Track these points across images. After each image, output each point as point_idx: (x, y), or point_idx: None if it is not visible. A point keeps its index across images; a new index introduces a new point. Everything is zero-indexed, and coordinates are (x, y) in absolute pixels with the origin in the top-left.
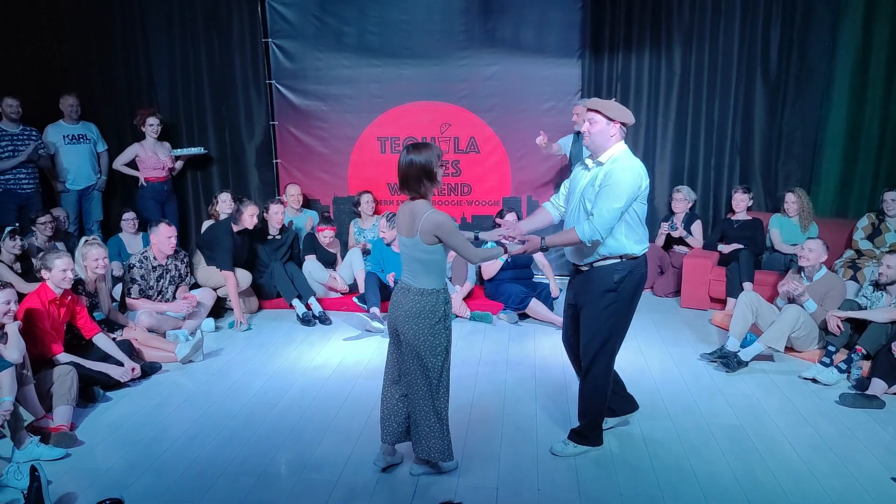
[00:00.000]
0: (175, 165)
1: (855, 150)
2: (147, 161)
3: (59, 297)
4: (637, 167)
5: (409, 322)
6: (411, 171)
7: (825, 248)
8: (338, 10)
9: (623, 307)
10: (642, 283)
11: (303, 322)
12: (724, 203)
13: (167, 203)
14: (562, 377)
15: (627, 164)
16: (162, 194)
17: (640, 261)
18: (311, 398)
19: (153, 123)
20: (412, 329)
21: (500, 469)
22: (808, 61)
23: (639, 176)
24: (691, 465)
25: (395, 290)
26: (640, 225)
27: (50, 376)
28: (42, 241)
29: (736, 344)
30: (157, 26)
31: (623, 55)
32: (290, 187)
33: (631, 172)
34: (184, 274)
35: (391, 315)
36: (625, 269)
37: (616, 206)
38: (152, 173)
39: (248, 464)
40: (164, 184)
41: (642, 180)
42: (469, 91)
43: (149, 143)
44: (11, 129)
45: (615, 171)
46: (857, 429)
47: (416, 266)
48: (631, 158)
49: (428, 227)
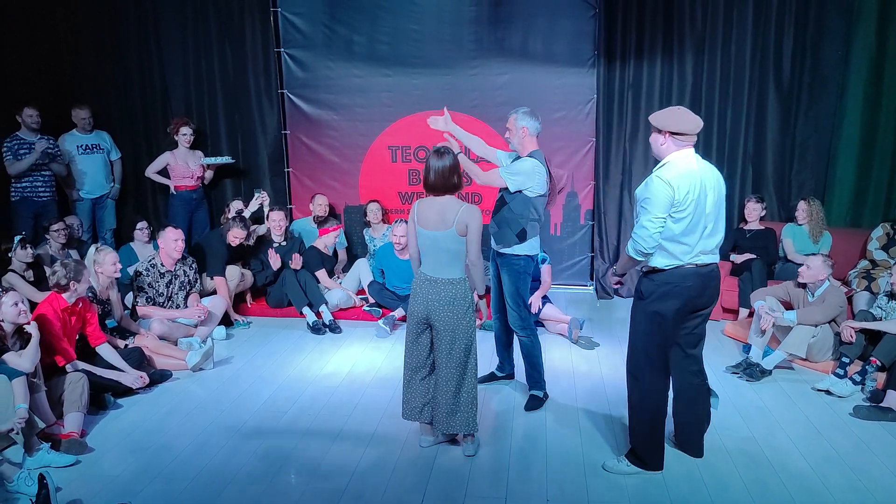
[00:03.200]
0: (206, 174)
1: (869, 159)
2: (177, 169)
3: (70, 306)
4: (670, 177)
5: (445, 309)
6: (445, 170)
7: (827, 264)
8: (349, 20)
9: (645, 320)
10: (674, 299)
11: (313, 330)
12: (736, 213)
13: (196, 211)
14: (571, 386)
15: (661, 173)
16: (191, 203)
17: (671, 275)
18: (320, 406)
19: (186, 133)
20: (448, 315)
21: (508, 478)
22: (821, 69)
23: (669, 186)
24: (702, 476)
25: (417, 284)
26: (674, 241)
27: (61, 383)
28: (56, 248)
29: (759, 354)
30: (171, 36)
31: (634, 64)
32: (318, 197)
33: (659, 184)
34: (193, 280)
35: (418, 307)
36: (654, 281)
37: (644, 218)
38: (182, 182)
39: (257, 472)
40: (194, 192)
41: (675, 192)
42: (480, 100)
43: (180, 152)
44: (30, 139)
45: (649, 183)
46: (872, 442)
47: (443, 257)
48: (667, 169)
49: (466, 217)
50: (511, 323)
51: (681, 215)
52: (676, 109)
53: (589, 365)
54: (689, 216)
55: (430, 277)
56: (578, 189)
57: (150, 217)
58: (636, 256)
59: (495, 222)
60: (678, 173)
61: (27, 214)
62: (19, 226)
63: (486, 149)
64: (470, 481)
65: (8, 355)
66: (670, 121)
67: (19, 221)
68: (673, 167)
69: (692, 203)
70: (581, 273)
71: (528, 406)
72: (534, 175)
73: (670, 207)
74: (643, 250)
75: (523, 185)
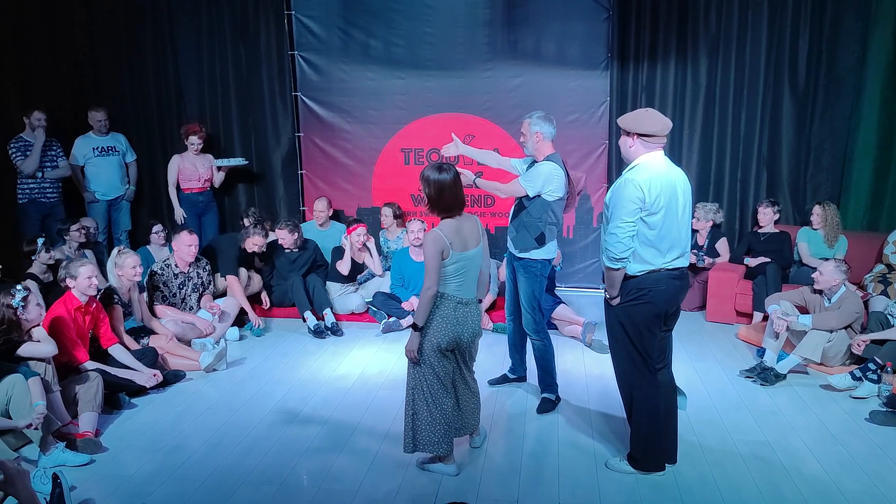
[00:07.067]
0: (216, 178)
1: (886, 163)
2: (184, 172)
3: (83, 305)
4: (640, 180)
5: (478, 339)
6: (459, 185)
7: (840, 269)
8: (363, 23)
9: (621, 328)
10: (647, 304)
11: (314, 334)
12: (750, 216)
13: (205, 214)
14: (584, 389)
15: (630, 175)
16: (198, 205)
17: (643, 280)
18: (332, 408)
19: (194, 143)
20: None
21: (520, 480)
22: (837, 72)
23: (638, 189)
24: (715, 480)
25: (469, 310)
26: (646, 245)
27: (76, 383)
28: (73, 249)
29: (773, 358)
30: (186, 40)
31: (648, 66)
32: (317, 202)
33: (628, 186)
34: (206, 282)
35: (468, 334)
36: (626, 288)
37: (613, 223)
38: (188, 184)
39: (269, 473)
40: (201, 195)
41: (646, 194)
42: (493, 103)
43: (188, 155)
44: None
45: (618, 186)
46: (889, 447)
47: (475, 275)
48: (637, 171)
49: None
50: (525, 325)
51: (652, 219)
52: (645, 111)
53: (601, 368)
54: (660, 219)
55: (466, 300)
56: (591, 192)
57: (165, 219)
58: (610, 264)
59: (514, 227)
60: (648, 175)
61: (35, 216)
62: (27, 227)
63: (500, 160)
64: (482, 483)
65: (26, 346)
66: (638, 123)
67: (27, 223)
68: (643, 169)
69: (663, 206)
70: (594, 275)
71: (540, 409)
72: (552, 178)
73: (640, 211)
74: (615, 256)
75: (542, 189)
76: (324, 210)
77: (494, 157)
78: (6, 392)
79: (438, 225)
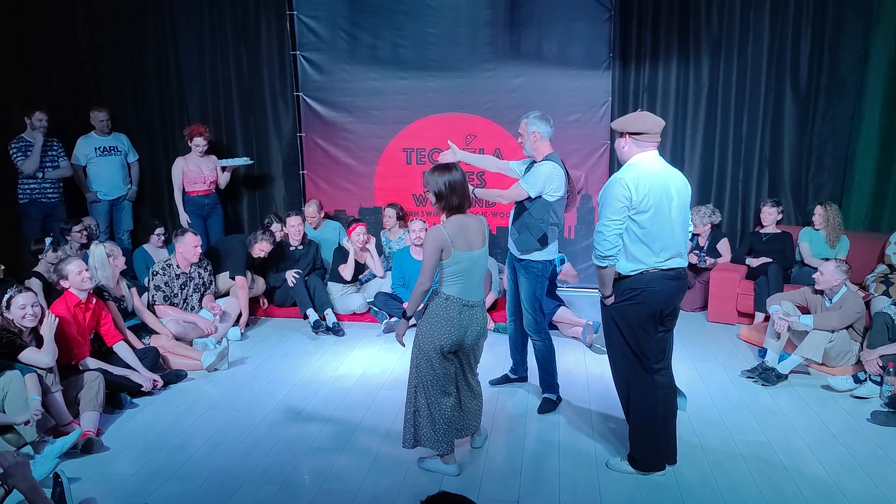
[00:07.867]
0: (220, 179)
1: (888, 163)
2: (189, 174)
3: (83, 302)
4: (628, 178)
5: (482, 341)
6: (465, 183)
7: (840, 269)
8: (365, 23)
9: (616, 329)
10: (641, 304)
11: (314, 328)
12: (751, 216)
13: (210, 217)
14: (585, 390)
15: (619, 174)
16: (203, 208)
17: (636, 280)
18: (333, 408)
19: (199, 144)
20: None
21: (521, 481)
22: (839, 72)
23: (625, 187)
24: (716, 480)
25: (474, 312)
26: (637, 244)
27: (77, 382)
28: (75, 249)
29: (774, 358)
30: (187, 39)
31: (650, 67)
32: (307, 206)
33: (615, 184)
34: (207, 282)
35: (457, 335)
36: (619, 288)
37: (601, 221)
38: (193, 186)
39: (270, 472)
40: (206, 197)
41: (632, 192)
42: (494, 103)
43: (192, 157)
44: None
45: (607, 185)
46: (890, 447)
47: (480, 276)
48: (627, 170)
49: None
50: (526, 326)
51: (641, 217)
52: (637, 112)
53: (602, 368)
54: (650, 218)
55: (471, 302)
56: (592, 192)
57: (167, 219)
58: (598, 262)
59: (516, 228)
60: (638, 174)
61: (36, 216)
62: (27, 228)
63: (499, 164)
64: (483, 483)
65: (27, 352)
66: (629, 123)
67: (28, 223)
68: (633, 168)
69: (653, 205)
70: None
71: (541, 409)
72: (552, 177)
73: (627, 209)
74: (602, 253)
75: (543, 189)
76: (314, 214)
77: (493, 161)
78: (2, 388)
79: (442, 222)
